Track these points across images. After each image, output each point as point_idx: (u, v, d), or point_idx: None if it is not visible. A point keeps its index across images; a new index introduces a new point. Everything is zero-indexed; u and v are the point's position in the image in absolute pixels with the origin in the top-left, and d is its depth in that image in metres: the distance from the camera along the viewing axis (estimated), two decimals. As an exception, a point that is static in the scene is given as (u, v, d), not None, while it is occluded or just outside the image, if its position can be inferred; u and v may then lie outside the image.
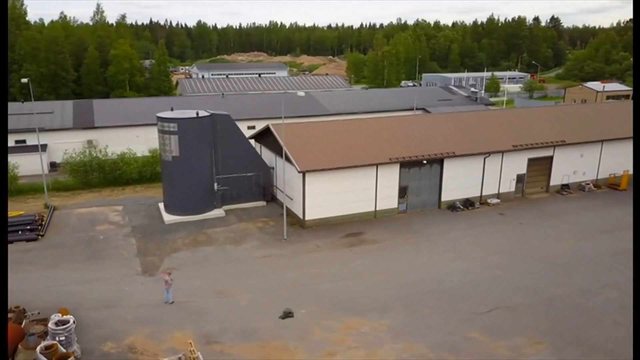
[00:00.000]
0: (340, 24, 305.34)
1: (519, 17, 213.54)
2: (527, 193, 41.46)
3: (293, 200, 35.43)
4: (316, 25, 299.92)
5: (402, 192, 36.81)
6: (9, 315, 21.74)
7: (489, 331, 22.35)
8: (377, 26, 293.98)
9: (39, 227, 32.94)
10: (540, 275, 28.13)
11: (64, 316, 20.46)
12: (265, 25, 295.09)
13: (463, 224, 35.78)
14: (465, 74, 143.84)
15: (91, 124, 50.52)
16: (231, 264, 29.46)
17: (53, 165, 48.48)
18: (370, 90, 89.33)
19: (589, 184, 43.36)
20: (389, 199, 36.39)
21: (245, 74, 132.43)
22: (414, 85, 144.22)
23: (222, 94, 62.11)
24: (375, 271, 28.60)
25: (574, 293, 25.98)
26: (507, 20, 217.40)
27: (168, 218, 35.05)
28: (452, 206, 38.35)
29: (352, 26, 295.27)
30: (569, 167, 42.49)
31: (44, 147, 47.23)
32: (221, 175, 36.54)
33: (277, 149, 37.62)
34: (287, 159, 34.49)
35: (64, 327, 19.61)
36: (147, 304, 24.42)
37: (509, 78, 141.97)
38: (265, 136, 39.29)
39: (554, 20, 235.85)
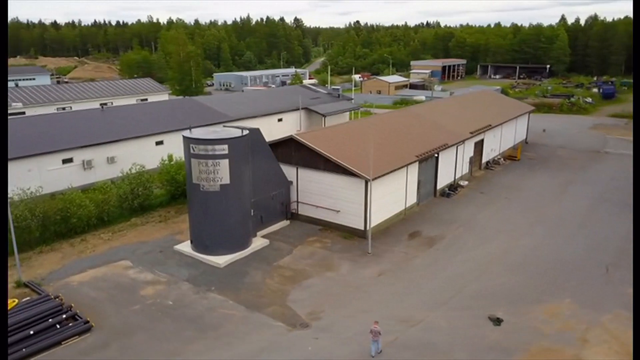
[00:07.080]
0: (70, 22, 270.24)
1: (268, 17, 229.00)
2: (473, 172, 47.85)
3: (340, 212, 33.19)
4: (42, 22, 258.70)
5: (418, 186, 38.31)
6: None
7: (631, 286, 26.59)
8: (108, 24, 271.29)
9: (73, 311, 22.87)
10: (588, 235, 33.17)
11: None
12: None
13: (472, 207, 39.28)
14: (259, 72, 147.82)
15: (-37, 162, 35.28)
16: (356, 291, 26.38)
17: None
18: (248, 93, 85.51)
19: (500, 158, 52.51)
20: (412, 195, 37.46)
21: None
22: (207, 85, 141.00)
23: (102, 107, 50.39)
24: (483, 261, 29.79)
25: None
26: (261, 19, 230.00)
27: (221, 260, 28.51)
28: (443, 193, 41.69)
29: (96, 23, 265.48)
30: (489, 146, 50.64)
31: None
32: (253, 198, 31.46)
33: (298, 160, 34.38)
34: (334, 170, 32.23)
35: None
36: None
37: (282, 75, 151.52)
38: (278, 148, 35.02)
39: (297, 21, 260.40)
